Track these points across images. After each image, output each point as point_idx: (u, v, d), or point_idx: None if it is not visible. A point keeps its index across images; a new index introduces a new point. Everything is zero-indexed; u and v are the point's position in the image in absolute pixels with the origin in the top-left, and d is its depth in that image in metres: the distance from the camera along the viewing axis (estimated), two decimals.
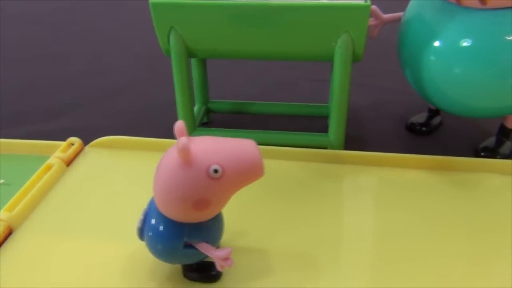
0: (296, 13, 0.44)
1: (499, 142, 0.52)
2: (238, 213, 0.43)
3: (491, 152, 0.51)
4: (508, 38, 0.41)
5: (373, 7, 0.52)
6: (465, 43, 0.42)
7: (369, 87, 0.68)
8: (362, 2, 0.43)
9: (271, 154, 0.50)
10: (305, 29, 0.45)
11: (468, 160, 0.49)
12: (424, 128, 0.57)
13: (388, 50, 0.55)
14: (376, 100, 0.65)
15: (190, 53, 0.49)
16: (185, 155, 0.30)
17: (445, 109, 0.49)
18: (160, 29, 0.48)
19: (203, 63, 0.59)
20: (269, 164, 0.51)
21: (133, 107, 0.66)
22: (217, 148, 0.32)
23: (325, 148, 0.52)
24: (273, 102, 0.63)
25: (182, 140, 0.30)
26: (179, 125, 0.31)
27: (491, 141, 0.53)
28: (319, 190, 0.46)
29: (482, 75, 0.43)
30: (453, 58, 0.43)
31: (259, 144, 0.49)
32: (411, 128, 0.58)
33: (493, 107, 0.46)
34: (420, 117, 0.58)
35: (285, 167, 0.50)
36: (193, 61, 0.58)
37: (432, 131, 0.58)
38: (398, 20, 0.52)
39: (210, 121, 0.62)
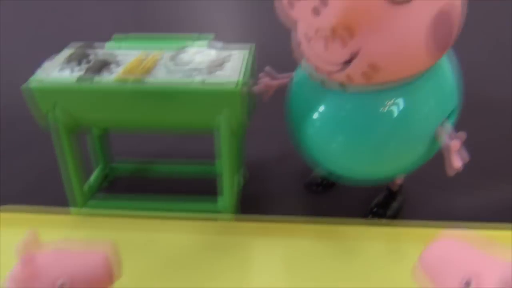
0: (172, 97, 0.45)
1: (386, 204, 0.54)
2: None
3: (379, 214, 0.53)
4: (373, 118, 0.42)
5: (267, 68, 0.52)
6: (337, 123, 0.44)
7: (272, 144, 0.68)
8: (234, 87, 0.44)
9: (162, 226, 0.50)
10: (183, 110, 0.45)
11: (353, 227, 0.49)
12: (320, 187, 0.58)
13: None
14: (278, 157, 0.65)
15: (72, 129, 0.48)
16: (28, 271, 0.30)
17: (332, 177, 0.50)
18: (40, 109, 0.46)
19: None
20: (158, 238, 0.50)
21: (22, 173, 0.63)
22: (64, 261, 0.31)
23: (219, 212, 0.52)
24: (174, 162, 0.62)
25: (25, 257, 0.30)
26: (24, 241, 0.31)
27: (379, 201, 0.55)
28: (208, 263, 0.46)
29: (355, 150, 0.44)
30: (327, 135, 0.45)
31: (153, 211, 0.49)
32: (309, 187, 0.59)
33: (369, 177, 0.47)
34: (317, 177, 0.59)
35: (174, 240, 0.49)
36: None
37: (328, 190, 0.58)
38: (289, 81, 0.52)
39: (110, 184, 0.61)
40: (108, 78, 0.46)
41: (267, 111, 0.56)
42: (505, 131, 0.68)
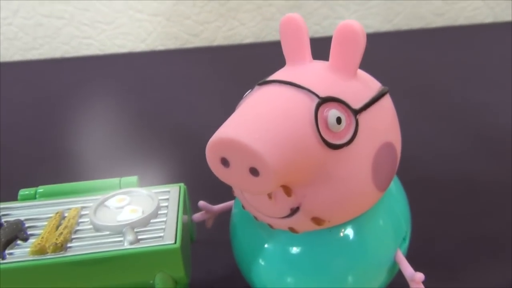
0: (102, 264, 0.39)
1: None
2: None
3: None
4: (327, 256, 0.39)
5: (201, 202, 0.48)
6: (287, 264, 0.39)
7: (219, 259, 0.57)
8: (171, 244, 0.39)
9: None
10: (116, 275, 0.40)
11: None
12: None
13: None
14: (227, 274, 0.55)
15: None
16: None
17: None
18: None
19: None
20: None
21: None
22: None
23: None
24: None
25: None
26: None
27: None
28: None
29: None
30: (277, 276, 0.40)
31: None
32: None
33: None
34: None
35: None
36: None
37: None
38: (230, 208, 0.48)
39: None
40: (22, 251, 0.39)
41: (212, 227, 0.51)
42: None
